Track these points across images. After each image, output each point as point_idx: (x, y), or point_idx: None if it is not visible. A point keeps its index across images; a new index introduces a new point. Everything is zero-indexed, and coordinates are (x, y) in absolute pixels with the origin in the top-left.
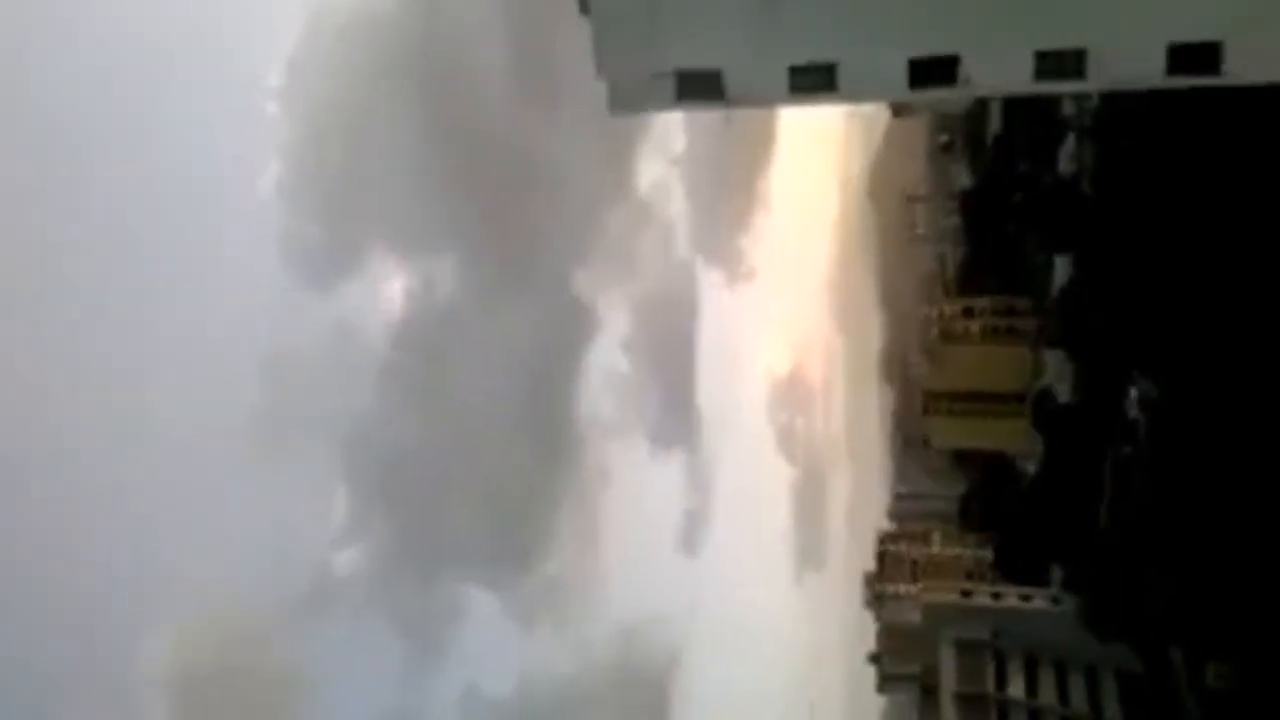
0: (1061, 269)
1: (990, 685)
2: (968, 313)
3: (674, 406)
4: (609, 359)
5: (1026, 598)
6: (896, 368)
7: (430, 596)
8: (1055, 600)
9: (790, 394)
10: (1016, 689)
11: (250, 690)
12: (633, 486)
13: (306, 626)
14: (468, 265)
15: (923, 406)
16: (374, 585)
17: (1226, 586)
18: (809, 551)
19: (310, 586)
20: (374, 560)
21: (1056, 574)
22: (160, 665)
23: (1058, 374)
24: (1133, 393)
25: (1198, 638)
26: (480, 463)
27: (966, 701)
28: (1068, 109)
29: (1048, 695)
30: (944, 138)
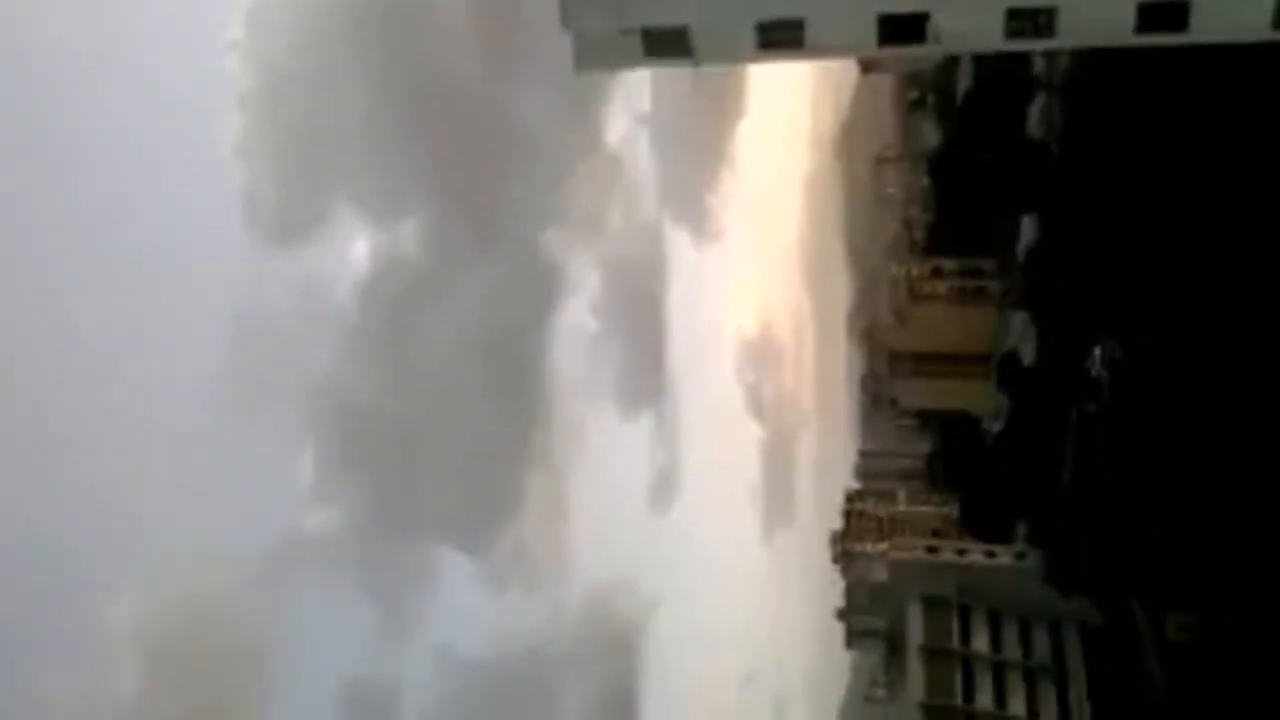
0: (1028, 230)
1: (955, 640)
2: (935, 273)
3: (643, 367)
4: (577, 319)
5: (991, 554)
6: (864, 328)
7: (401, 558)
8: (1019, 556)
9: (759, 354)
10: (981, 643)
11: (220, 651)
12: (602, 447)
13: (277, 588)
14: (434, 224)
15: (890, 367)
16: (344, 547)
17: (1185, 541)
18: (778, 510)
19: (280, 547)
20: (344, 522)
21: (1021, 531)
22: (128, 625)
23: (1023, 334)
24: (1096, 352)
25: (1158, 591)
26: (450, 424)
27: (932, 656)
28: (1038, 67)
29: (1011, 649)
30: (913, 94)
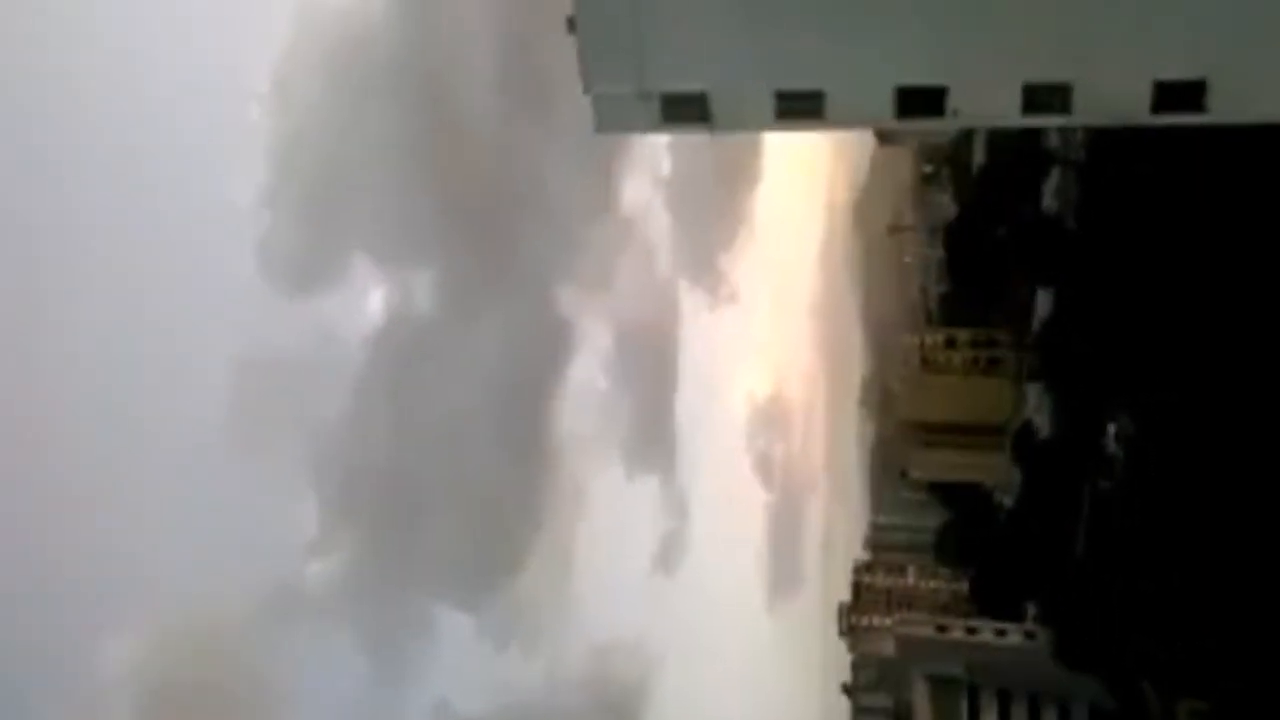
0: (1044, 302)
1: None
2: (949, 343)
3: (653, 427)
4: (588, 377)
5: (1001, 632)
6: (877, 396)
7: (400, 611)
8: (1029, 634)
9: (769, 419)
10: None
11: (215, 698)
12: (609, 506)
13: (274, 636)
14: (449, 277)
15: (902, 436)
16: (344, 597)
17: (1199, 623)
18: (784, 578)
19: (279, 596)
20: (344, 572)
21: (1032, 609)
22: (125, 669)
23: (1038, 407)
24: (1111, 429)
25: (1171, 674)
26: (455, 478)
27: None
28: (1053, 142)
29: None
30: (929, 167)
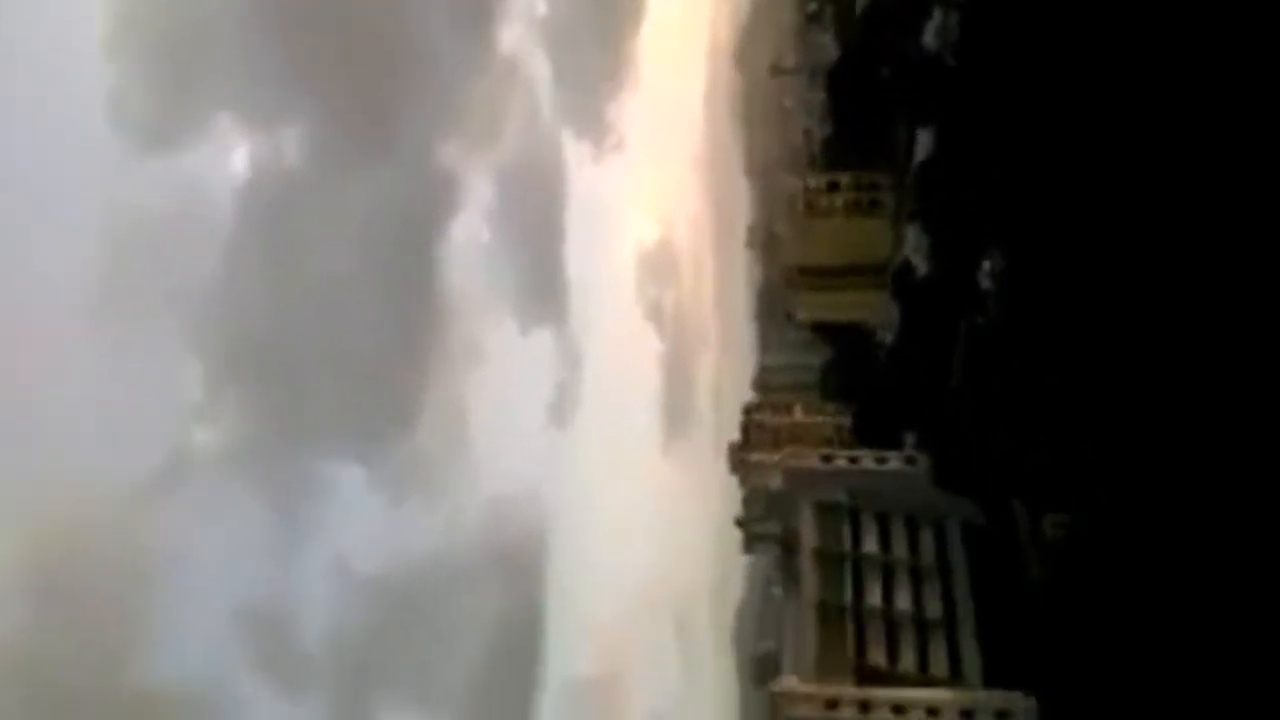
0: (924, 142)
1: (847, 542)
2: (832, 187)
3: (542, 280)
4: (474, 232)
5: (882, 460)
6: (763, 241)
7: (294, 471)
8: (909, 461)
9: (659, 267)
10: (871, 545)
11: (108, 576)
12: (502, 360)
13: (166, 507)
14: (320, 131)
15: (787, 280)
16: (234, 461)
17: (1063, 445)
18: (677, 423)
19: (168, 464)
20: (234, 435)
21: (910, 438)
22: (10, 552)
23: (916, 247)
24: (985, 265)
25: (1036, 492)
26: (341, 335)
27: (824, 558)
28: None
29: (899, 549)
30: (812, 6)
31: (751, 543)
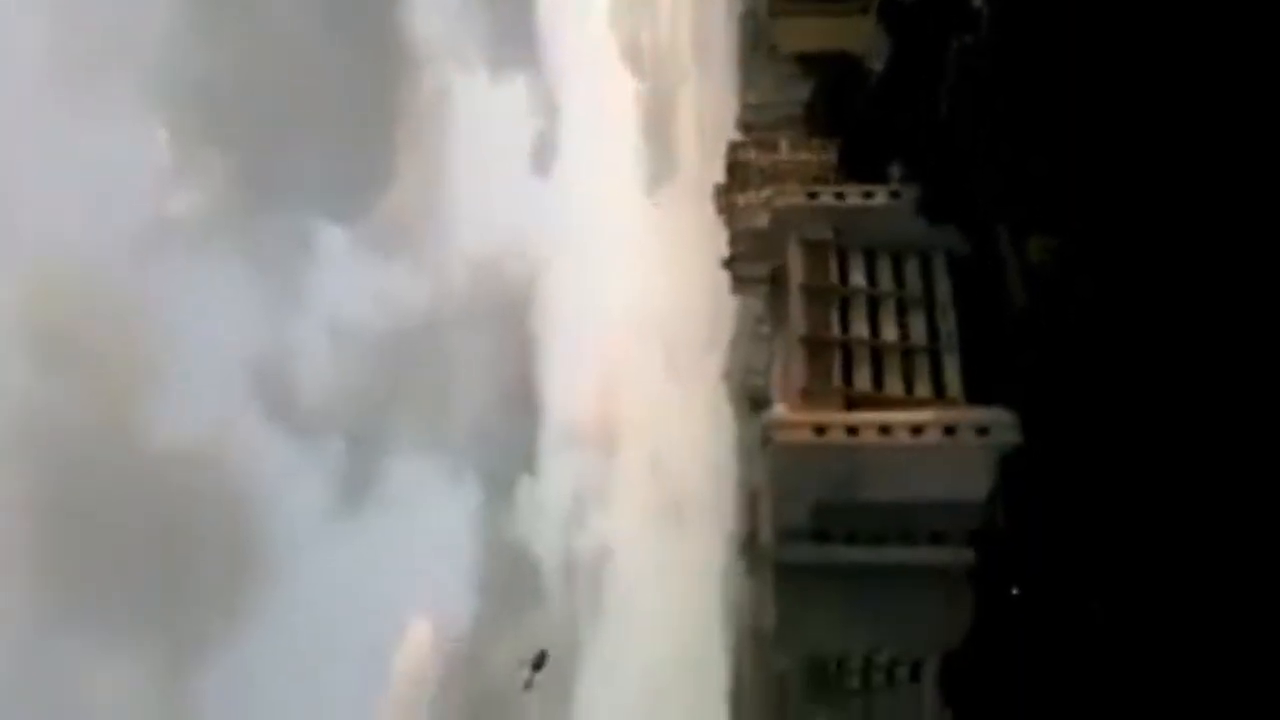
0: None
1: (834, 276)
2: None
3: (513, 25)
4: None
5: (869, 194)
6: None
7: (277, 232)
8: (894, 194)
9: (633, 4)
10: (857, 279)
11: (107, 336)
12: (476, 110)
13: (151, 272)
14: None
15: (768, 9)
16: (214, 225)
17: (1049, 164)
18: (660, 166)
19: (146, 230)
20: (210, 199)
21: (897, 171)
22: (4, 319)
23: None
24: None
25: (1022, 216)
26: (308, 88)
27: (811, 293)
28: None
29: (885, 282)
30: None
31: (739, 283)
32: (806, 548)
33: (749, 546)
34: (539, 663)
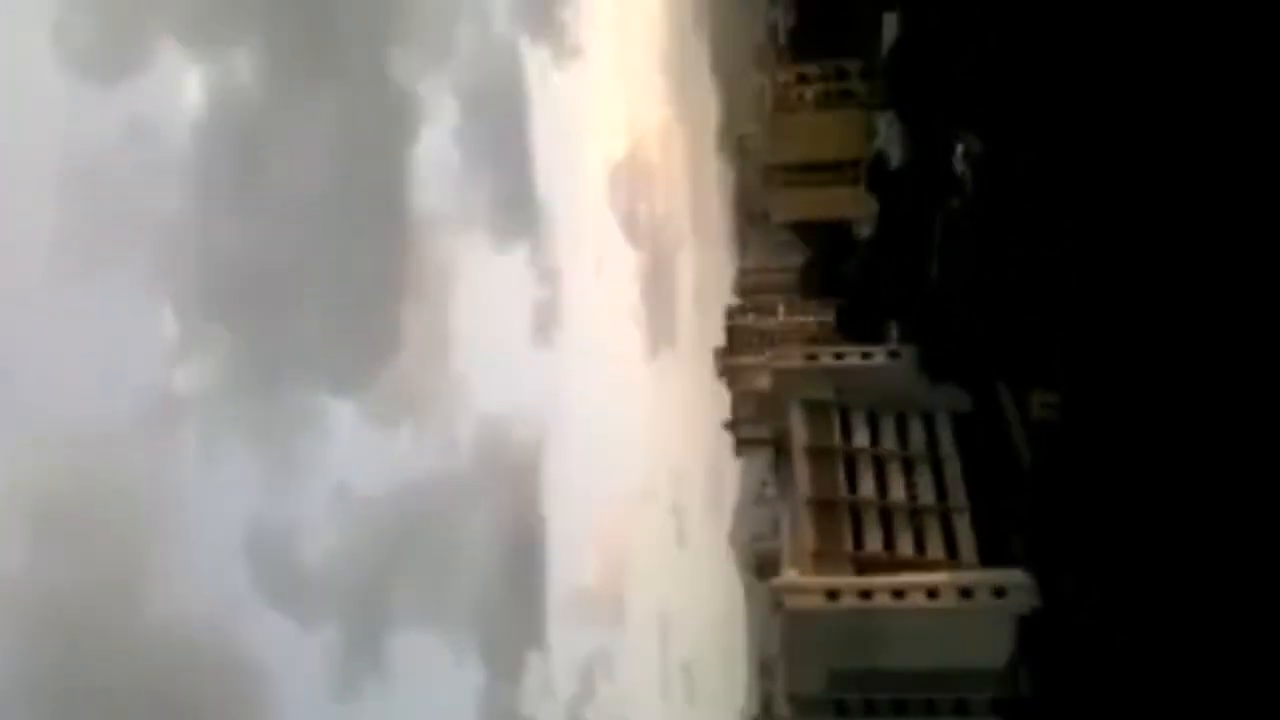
0: (890, 27)
1: (837, 438)
2: (800, 79)
3: (514, 197)
4: (440, 151)
5: (868, 355)
6: (734, 142)
7: (282, 405)
8: (893, 354)
9: (631, 177)
10: (861, 439)
11: (110, 517)
12: (481, 281)
13: (156, 447)
14: (270, 53)
15: (761, 180)
16: (219, 400)
17: (1046, 323)
18: (661, 333)
19: (152, 406)
20: (215, 374)
21: (894, 331)
22: (7, 496)
23: (889, 136)
24: (959, 149)
25: (1020, 371)
26: (314, 264)
27: (816, 454)
28: None
29: (889, 441)
30: None
31: (742, 446)
32: None
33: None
34: None
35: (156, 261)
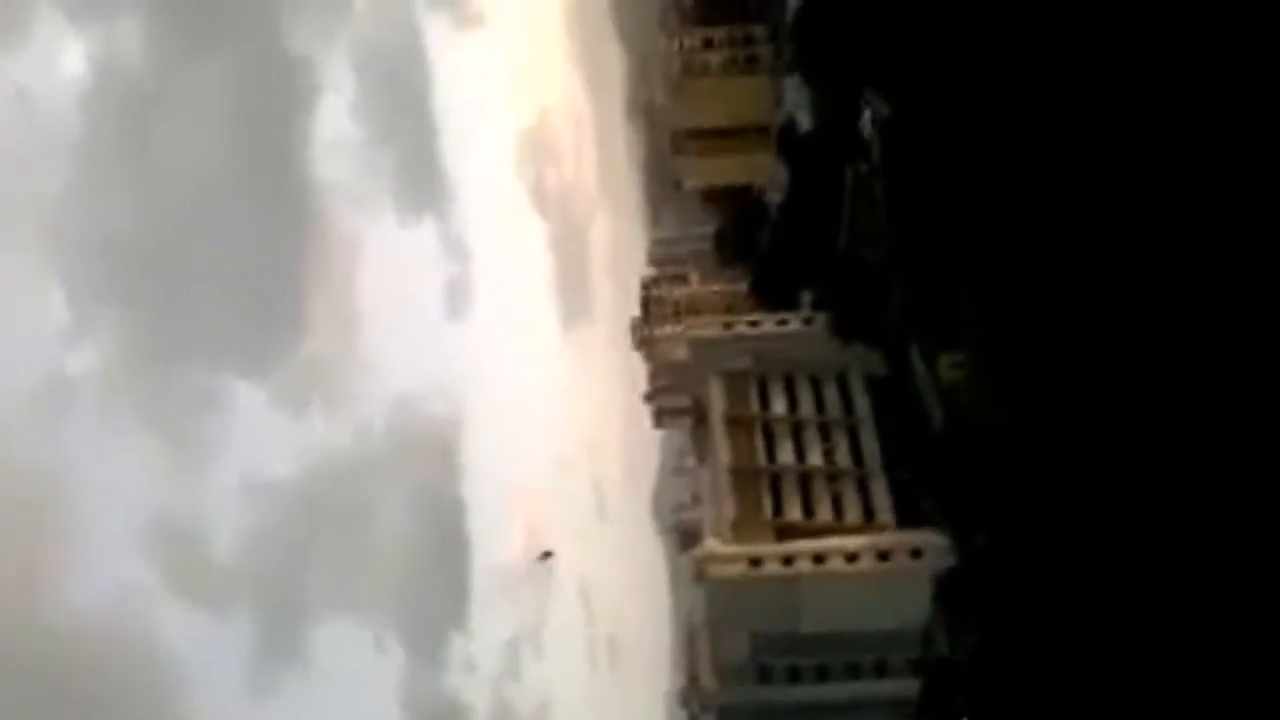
0: None
1: (755, 404)
2: (707, 44)
3: (418, 169)
4: (339, 125)
5: (783, 322)
6: (643, 109)
7: (181, 388)
8: (807, 320)
9: (538, 146)
10: (779, 406)
11: (3, 505)
12: (386, 257)
13: (51, 435)
14: (156, 22)
15: (671, 147)
16: (115, 384)
17: (952, 284)
18: (575, 304)
19: (44, 392)
20: (110, 358)
21: (808, 297)
22: None
23: (797, 101)
24: (866, 113)
25: (930, 333)
26: (211, 240)
27: (734, 423)
28: None
29: (806, 407)
30: None
31: (662, 417)
32: (749, 689)
33: (690, 693)
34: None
35: (44, 241)
